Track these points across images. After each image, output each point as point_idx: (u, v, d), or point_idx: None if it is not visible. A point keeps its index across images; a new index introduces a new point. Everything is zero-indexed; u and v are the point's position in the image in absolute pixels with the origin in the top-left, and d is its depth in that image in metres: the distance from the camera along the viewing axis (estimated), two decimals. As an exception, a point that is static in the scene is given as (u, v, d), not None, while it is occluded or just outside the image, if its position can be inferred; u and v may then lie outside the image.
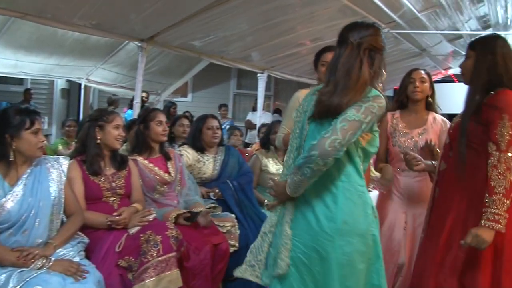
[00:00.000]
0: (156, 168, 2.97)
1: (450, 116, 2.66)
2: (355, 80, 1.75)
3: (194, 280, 2.60)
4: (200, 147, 3.39)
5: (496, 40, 2.10)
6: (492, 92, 2.02)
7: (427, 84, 2.74)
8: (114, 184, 2.62)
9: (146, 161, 2.98)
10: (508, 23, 7.29)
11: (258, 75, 7.20)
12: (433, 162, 2.48)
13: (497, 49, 2.04)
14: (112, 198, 2.61)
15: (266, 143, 3.92)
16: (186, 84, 9.92)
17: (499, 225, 1.87)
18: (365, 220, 1.82)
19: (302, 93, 2.61)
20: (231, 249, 2.92)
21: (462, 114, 2.13)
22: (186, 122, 4.00)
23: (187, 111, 7.93)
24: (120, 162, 2.71)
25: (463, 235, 1.96)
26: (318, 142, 1.70)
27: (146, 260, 2.30)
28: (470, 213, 2.06)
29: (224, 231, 2.97)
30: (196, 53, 5.79)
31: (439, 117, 2.76)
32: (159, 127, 3.01)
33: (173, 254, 2.38)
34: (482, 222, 1.90)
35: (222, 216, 3.10)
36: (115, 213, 2.50)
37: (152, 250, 2.33)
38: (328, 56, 2.53)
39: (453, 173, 2.17)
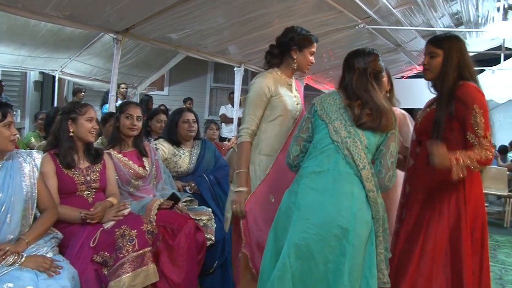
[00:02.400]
0: (130, 162, 2.95)
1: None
2: (378, 99, 2.08)
3: (182, 257, 2.63)
4: (176, 141, 3.37)
5: (459, 39, 2.25)
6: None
7: (385, 79, 2.77)
8: (88, 178, 2.58)
9: (119, 155, 2.95)
10: (479, 21, 7.46)
11: (235, 68, 7.19)
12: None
13: (462, 47, 2.22)
14: (86, 192, 2.57)
15: None
16: (162, 77, 9.84)
17: (456, 165, 1.98)
18: None
19: (271, 79, 2.47)
20: (208, 243, 2.92)
21: (438, 110, 2.19)
22: (163, 117, 3.97)
23: (162, 105, 7.87)
24: (94, 156, 2.67)
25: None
26: (380, 181, 2.07)
27: (121, 255, 2.28)
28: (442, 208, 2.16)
29: (201, 224, 2.97)
30: (172, 46, 5.73)
31: (398, 111, 2.78)
32: (127, 121, 2.97)
33: (149, 248, 2.37)
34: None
35: (199, 210, 3.10)
36: (92, 209, 2.46)
37: (127, 245, 2.31)
38: (315, 47, 2.57)
39: (421, 169, 2.24)
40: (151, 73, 8.61)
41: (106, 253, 2.32)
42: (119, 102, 6.24)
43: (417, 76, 9.53)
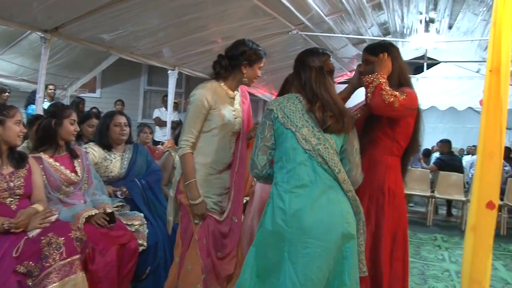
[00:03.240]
0: (62, 168, 2.83)
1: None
2: (338, 99, 2.10)
3: (99, 284, 2.51)
4: (107, 145, 3.28)
5: (393, 46, 2.37)
6: None
7: None
8: (12, 184, 2.45)
9: (51, 160, 2.82)
10: (405, 31, 7.91)
11: (169, 71, 7.12)
12: None
13: (397, 55, 2.34)
14: (9, 199, 2.44)
15: None
16: (94, 79, 9.54)
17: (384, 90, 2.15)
18: None
19: (210, 91, 2.52)
20: (140, 248, 2.87)
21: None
22: (95, 122, 3.86)
23: (94, 107, 7.63)
24: (18, 160, 2.54)
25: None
26: (352, 179, 2.10)
27: (47, 264, 2.19)
28: (371, 205, 2.29)
29: (133, 230, 2.92)
30: (104, 47, 5.57)
31: None
32: (72, 126, 2.87)
33: (77, 256, 2.30)
34: None
35: (130, 215, 3.03)
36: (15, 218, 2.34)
37: (54, 254, 2.22)
38: (263, 62, 2.64)
39: None
40: (83, 75, 8.34)
41: (30, 262, 2.22)
42: (46, 103, 5.98)
43: (348, 82, 9.88)
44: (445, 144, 8.23)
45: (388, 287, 2.27)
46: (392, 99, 2.12)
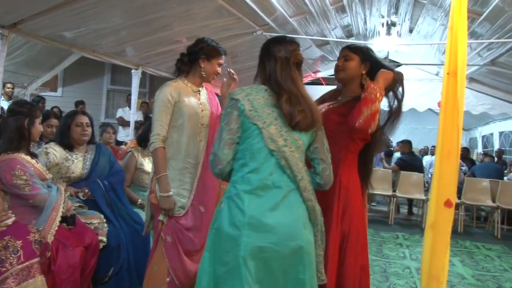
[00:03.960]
0: (37, 164, 2.78)
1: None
2: (305, 92, 1.97)
3: (61, 286, 2.46)
4: (68, 145, 3.20)
5: (372, 51, 2.43)
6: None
7: None
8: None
9: (28, 157, 2.74)
10: (367, 34, 8.08)
11: (133, 71, 7.01)
12: None
13: (375, 56, 2.40)
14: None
15: (144, 140, 3.73)
16: (55, 78, 9.29)
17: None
18: None
19: (173, 87, 2.63)
20: (101, 245, 2.84)
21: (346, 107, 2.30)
22: (55, 122, 3.75)
23: (55, 107, 7.44)
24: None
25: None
26: (324, 179, 2.00)
27: (4, 269, 2.13)
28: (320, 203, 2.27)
29: (92, 228, 2.89)
30: (66, 45, 5.41)
31: None
32: (40, 126, 2.83)
33: (36, 259, 2.25)
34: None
35: (89, 213, 2.99)
36: None
37: (11, 258, 2.17)
38: (223, 59, 2.71)
39: None
40: (43, 73, 8.10)
41: (-14, 267, 2.15)
42: (3, 102, 5.79)
43: (311, 83, 10.02)
44: (405, 144, 8.44)
45: None
46: (374, 128, 2.17)
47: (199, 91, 2.74)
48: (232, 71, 2.77)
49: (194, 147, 2.64)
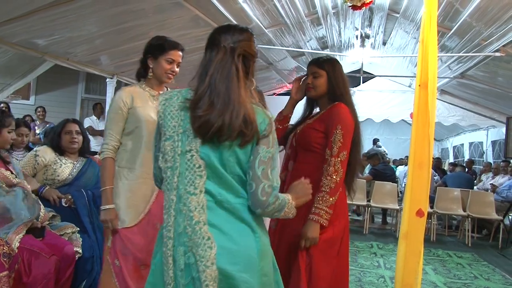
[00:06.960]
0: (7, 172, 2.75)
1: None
2: (237, 91, 1.55)
3: None
4: (59, 151, 3.25)
5: (338, 62, 2.45)
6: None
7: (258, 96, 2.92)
8: None
9: None
10: (342, 46, 8.21)
11: (107, 80, 6.95)
12: None
13: (341, 70, 2.42)
14: None
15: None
16: (28, 86, 9.09)
17: (322, 218, 2.14)
18: None
19: (126, 92, 2.43)
20: (76, 256, 2.78)
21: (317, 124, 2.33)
22: (25, 131, 3.70)
23: (27, 115, 7.29)
24: None
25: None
26: (252, 200, 1.55)
27: (-29, 282, 2.07)
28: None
29: (66, 238, 2.85)
30: (39, 53, 5.33)
31: None
32: (10, 135, 2.84)
33: (5, 273, 2.18)
34: (309, 216, 2.15)
35: (61, 225, 2.95)
36: None
37: (-22, 270, 2.10)
38: (177, 55, 2.44)
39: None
40: (15, 80, 7.89)
41: (-48, 280, 2.09)
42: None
43: (287, 93, 10.10)
44: (373, 157, 8.53)
45: None
46: (331, 184, 2.16)
47: (159, 94, 2.45)
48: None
49: (150, 156, 2.36)
